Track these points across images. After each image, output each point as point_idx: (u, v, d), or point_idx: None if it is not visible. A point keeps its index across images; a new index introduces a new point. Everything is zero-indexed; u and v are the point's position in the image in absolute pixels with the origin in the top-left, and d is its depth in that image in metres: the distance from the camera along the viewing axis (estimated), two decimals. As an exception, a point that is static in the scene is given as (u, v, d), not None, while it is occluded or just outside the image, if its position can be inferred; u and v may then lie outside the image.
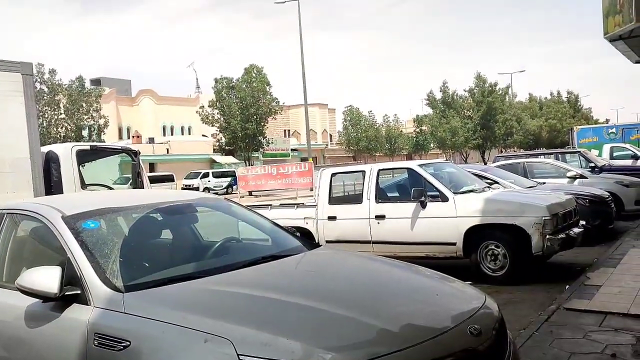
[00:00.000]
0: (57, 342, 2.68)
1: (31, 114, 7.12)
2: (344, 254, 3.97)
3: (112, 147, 9.19)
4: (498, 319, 2.78)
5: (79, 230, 3.00)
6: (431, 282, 3.09)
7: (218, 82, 41.38)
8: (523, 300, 6.07)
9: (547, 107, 66.80)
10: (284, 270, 3.14)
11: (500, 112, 50.70)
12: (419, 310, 2.60)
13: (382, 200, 7.89)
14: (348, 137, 57.06)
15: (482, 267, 6.97)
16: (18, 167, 6.89)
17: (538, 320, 5.08)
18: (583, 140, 26.93)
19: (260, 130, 41.84)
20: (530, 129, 59.59)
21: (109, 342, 2.44)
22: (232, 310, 2.48)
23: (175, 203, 3.81)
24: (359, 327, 2.35)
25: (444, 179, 7.82)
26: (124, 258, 2.96)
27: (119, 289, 2.66)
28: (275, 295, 2.60)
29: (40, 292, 2.67)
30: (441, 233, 7.20)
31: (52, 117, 34.17)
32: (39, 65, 33.35)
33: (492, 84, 50.94)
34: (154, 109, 56.31)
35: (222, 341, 2.18)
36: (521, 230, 6.70)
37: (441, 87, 52.05)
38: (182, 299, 2.62)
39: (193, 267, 3.23)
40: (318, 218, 8.36)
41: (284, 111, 55.84)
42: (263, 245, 3.73)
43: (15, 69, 6.98)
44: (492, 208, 7.00)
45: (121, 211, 3.44)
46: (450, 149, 52.40)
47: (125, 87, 57.68)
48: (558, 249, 6.82)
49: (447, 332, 2.41)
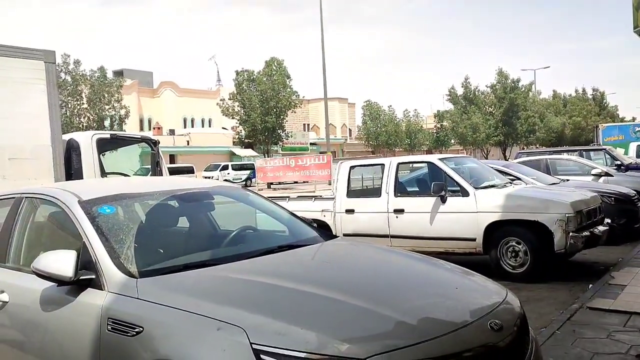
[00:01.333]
0: (72, 325, 2.67)
1: (53, 101, 7.18)
2: (361, 245, 3.91)
3: (131, 136, 9.24)
4: (520, 315, 2.70)
5: (94, 215, 2.98)
6: (451, 275, 3.01)
7: (239, 74, 41.47)
8: (544, 299, 5.94)
9: (571, 104, 65.67)
10: (300, 260, 3.09)
11: (522, 109, 49.98)
12: (438, 304, 2.53)
13: (401, 194, 7.80)
14: (367, 132, 56.78)
15: (502, 263, 6.84)
16: (39, 154, 6.96)
17: (560, 319, 4.96)
18: (608, 138, 26.40)
19: (280, 123, 41.87)
20: (554, 126, 58.67)
21: (122, 327, 2.42)
22: (246, 298, 2.43)
23: (192, 190, 3.78)
24: (376, 318, 2.28)
25: (465, 174, 7.69)
26: (139, 244, 2.93)
27: (133, 274, 2.64)
28: (291, 284, 2.55)
29: (55, 276, 2.66)
30: (461, 228, 7.09)
31: (75, 107, 34.60)
32: (64, 56, 33.79)
33: (515, 80, 50.22)
34: (175, 101, 56.69)
35: (235, 329, 2.14)
36: (543, 227, 6.55)
37: (463, 82, 51.54)
38: (196, 286, 2.58)
39: (208, 254, 3.20)
40: (336, 211, 8.30)
41: (304, 105, 55.78)
42: (280, 234, 3.69)
43: (38, 57, 7.04)
44: (513, 204, 6.86)
45: (138, 197, 3.42)
46: (471, 145, 51.83)
47: (147, 78, 58.10)
48: (581, 247, 6.66)
49: (466, 327, 2.34)
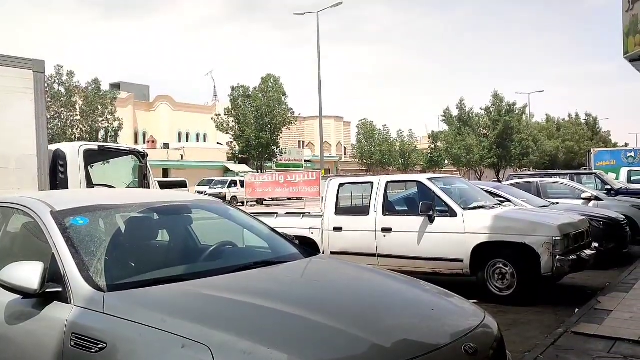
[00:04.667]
0: (35, 340, 2.58)
1: (40, 111, 7.09)
2: (339, 263, 3.84)
3: (119, 148, 9.16)
4: (497, 338, 2.63)
5: (66, 226, 2.91)
6: (428, 296, 2.94)
7: (234, 90, 41.57)
8: (530, 322, 5.87)
9: (564, 128, 66.11)
10: (275, 277, 3.02)
11: (516, 132, 50.28)
12: (412, 325, 2.46)
13: (390, 212, 7.75)
14: (361, 150, 56.94)
15: (489, 285, 6.78)
16: (24, 164, 6.85)
17: (544, 343, 4.89)
18: (600, 162, 26.53)
19: (274, 139, 41.88)
20: (547, 149, 58.98)
21: (85, 342, 2.33)
22: (214, 315, 2.36)
23: (170, 204, 3.72)
24: (348, 339, 2.21)
25: (454, 194, 7.67)
26: (110, 257, 2.86)
27: (101, 288, 2.56)
28: (262, 302, 2.48)
29: (19, 288, 2.57)
30: (448, 249, 7.04)
31: (68, 118, 34.49)
32: (57, 67, 33.74)
33: (510, 103, 50.61)
34: (171, 115, 56.70)
35: (200, 347, 2.06)
36: (530, 250, 6.51)
37: (458, 104, 51.81)
38: (164, 301, 2.51)
39: (182, 269, 3.13)
40: (324, 228, 8.24)
41: (300, 122, 55.90)
42: (259, 251, 3.62)
43: (26, 66, 6.97)
44: (501, 225, 6.82)
45: (114, 209, 3.34)
46: (465, 166, 51.98)
47: (143, 92, 58.13)
48: (568, 270, 6.62)
49: (440, 349, 2.28)
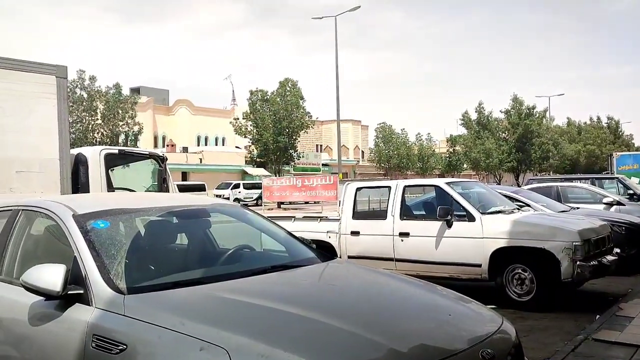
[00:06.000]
0: (58, 341, 2.64)
1: (63, 116, 7.23)
2: (357, 267, 3.85)
3: (139, 152, 9.29)
4: (515, 344, 2.62)
5: (87, 229, 2.96)
6: (445, 301, 2.93)
7: (253, 94, 41.85)
8: (549, 328, 5.80)
9: (585, 132, 65.25)
10: (292, 281, 3.04)
11: (536, 136, 49.76)
12: (429, 330, 2.46)
13: (407, 217, 7.73)
14: (379, 154, 56.78)
15: (508, 291, 6.72)
16: (47, 168, 6.99)
17: (564, 350, 4.83)
18: (623, 167, 26.16)
19: (292, 143, 42.04)
20: (568, 153, 58.27)
21: (106, 344, 2.37)
22: (231, 318, 2.38)
23: (189, 207, 3.76)
24: (365, 344, 2.22)
25: (472, 199, 7.62)
26: (131, 260, 2.91)
27: (122, 290, 2.60)
28: (279, 305, 2.50)
29: (42, 290, 2.63)
30: (466, 254, 6.99)
31: (90, 123, 35.03)
32: (79, 72, 34.33)
33: (530, 106, 50.10)
34: (190, 119, 57.21)
35: (217, 350, 2.09)
36: (550, 255, 6.44)
37: (477, 107, 51.48)
38: (183, 304, 2.54)
39: (200, 272, 3.16)
40: (341, 232, 8.24)
41: (318, 126, 55.99)
42: (276, 254, 3.64)
43: (50, 72, 7.11)
44: (520, 230, 6.76)
45: (134, 213, 3.40)
46: (484, 170, 51.58)
47: (163, 96, 58.76)
48: (589, 276, 6.52)
49: (456, 355, 2.27)
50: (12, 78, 6.76)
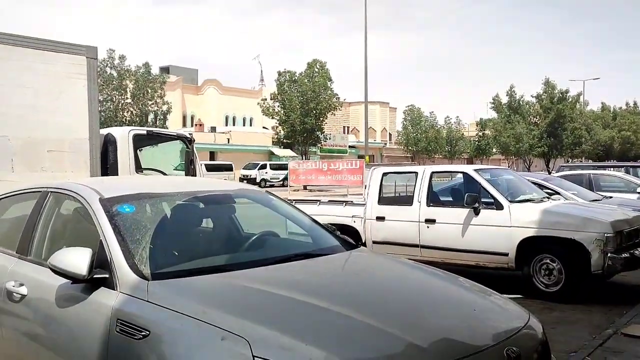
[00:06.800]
0: (83, 324, 2.67)
1: (93, 96, 7.31)
2: (380, 257, 3.80)
3: (167, 133, 9.35)
4: (541, 341, 2.55)
5: (113, 213, 2.98)
6: (470, 295, 2.87)
7: (281, 75, 41.75)
8: (577, 321, 5.69)
9: (621, 117, 63.44)
10: (315, 271, 3.01)
11: (569, 121, 48.58)
12: (452, 326, 2.41)
13: (434, 203, 7.64)
14: (407, 137, 56.23)
15: (535, 281, 6.61)
16: (77, 148, 7.10)
17: (591, 344, 4.75)
18: (658, 154, 25.37)
19: (319, 125, 41.92)
20: (601, 139, 56.80)
21: (130, 329, 2.40)
22: (254, 308, 2.38)
23: (214, 193, 3.76)
24: (386, 338, 2.19)
25: (501, 186, 7.49)
26: (155, 245, 2.92)
27: (146, 276, 2.62)
28: (302, 296, 2.48)
29: (69, 273, 2.66)
30: (493, 242, 6.89)
31: (120, 102, 35.47)
32: (109, 51, 34.69)
33: (563, 91, 48.85)
34: (218, 99, 57.54)
35: (239, 340, 2.09)
36: (580, 246, 6.30)
37: (508, 91, 50.47)
38: (206, 292, 2.55)
39: (224, 259, 3.17)
40: (366, 217, 8.20)
41: (345, 108, 55.69)
42: (300, 242, 3.63)
43: (80, 52, 7.18)
44: (549, 220, 6.62)
45: (159, 197, 3.41)
46: (514, 155, 50.70)
47: (192, 75, 59.12)
48: (620, 268, 6.36)
49: (481, 352, 2.22)
50: (43, 59, 6.84)
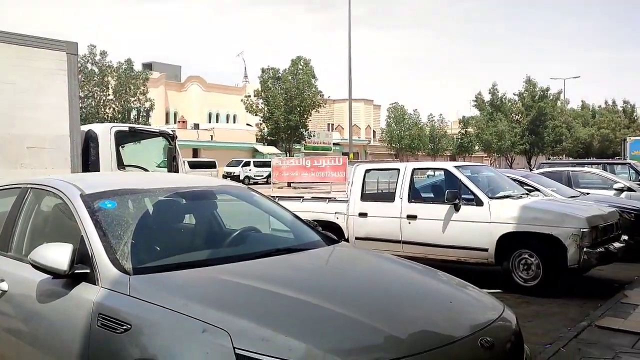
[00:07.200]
0: (64, 319, 2.69)
1: (73, 92, 7.26)
2: (361, 252, 3.86)
3: (149, 129, 9.32)
4: (515, 332, 2.63)
5: (95, 209, 2.99)
6: (447, 287, 2.95)
7: (264, 72, 41.58)
8: (553, 314, 5.82)
9: (600, 115, 64.34)
10: (295, 265, 3.06)
11: (550, 118, 49.19)
12: (429, 317, 2.48)
13: (415, 200, 7.72)
14: (391, 135, 56.44)
15: (514, 276, 6.73)
16: (57, 145, 7.04)
17: (567, 336, 4.86)
18: (636, 152, 25.88)
19: (303, 122, 41.88)
20: (581, 137, 57.56)
21: (111, 323, 2.42)
22: (235, 301, 2.42)
23: (195, 188, 3.79)
24: (365, 330, 2.25)
25: (481, 183, 7.59)
26: (137, 240, 2.94)
27: (127, 271, 2.64)
28: (282, 290, 2.53)
29: (50, 268, 2.68)
30: (473, 238, 7.00)
31: (101, 98, 35.06)
32: (90, 47, 34.21)
33: (544, 89, 49.43)
34: (202, 96, 57.18)
35: (219, 332, 2.13)
36: (557, 241, 6.43)
37: (490, 89, 50.88)
38: (187, 286, 2.58)
39: (206, 254, 3.21)
40: (349, 214, 8.27)
41: (329, 105, 55.69)
42: (281, 237, 3.67)
43: (60, 48, 7.12)
44: (528, 216, 6.74)
45: (140, 193, 3.43)
46: (496, 152, 51.18)
47: (175, 72, 58.63)
48: (595, 263, 6.52)
49: (455, 342, 2.30)
50: (23, 54, 6.78)
